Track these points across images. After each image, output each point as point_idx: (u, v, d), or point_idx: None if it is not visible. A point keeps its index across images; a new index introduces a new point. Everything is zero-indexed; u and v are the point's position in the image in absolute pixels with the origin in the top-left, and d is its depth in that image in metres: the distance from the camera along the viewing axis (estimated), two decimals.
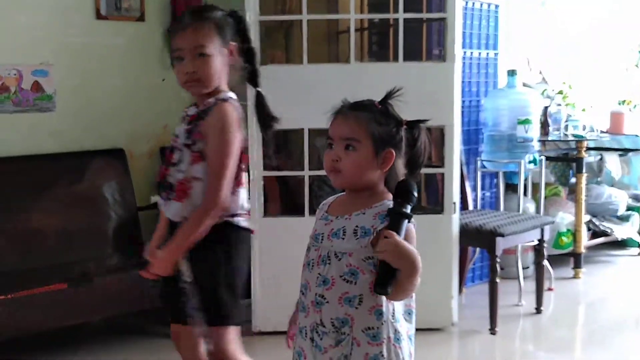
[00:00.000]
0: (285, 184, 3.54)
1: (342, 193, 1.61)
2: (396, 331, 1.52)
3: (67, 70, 3.41)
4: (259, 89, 2.00)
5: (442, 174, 3.16)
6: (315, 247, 1.55)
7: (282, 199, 3.51)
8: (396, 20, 3.13)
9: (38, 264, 3.05)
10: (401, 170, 1.55)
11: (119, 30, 3.54)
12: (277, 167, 3.39)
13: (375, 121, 1.53)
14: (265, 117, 2.01)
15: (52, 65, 3.37)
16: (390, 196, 1.52)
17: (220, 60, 1.93)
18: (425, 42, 3.80)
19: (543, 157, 3.89)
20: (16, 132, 3.20)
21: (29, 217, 3.11)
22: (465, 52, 3.62)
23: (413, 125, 1.56)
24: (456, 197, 3.17)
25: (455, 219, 3.17)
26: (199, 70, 1.93)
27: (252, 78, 2.01)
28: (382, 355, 1.49)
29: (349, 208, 1.54)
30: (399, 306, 1.53)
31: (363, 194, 1.55)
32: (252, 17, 3.02)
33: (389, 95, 1.55)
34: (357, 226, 1.50)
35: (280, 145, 3.64)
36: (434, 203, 3.47)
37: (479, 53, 3.84)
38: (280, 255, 3.03)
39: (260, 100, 2.00)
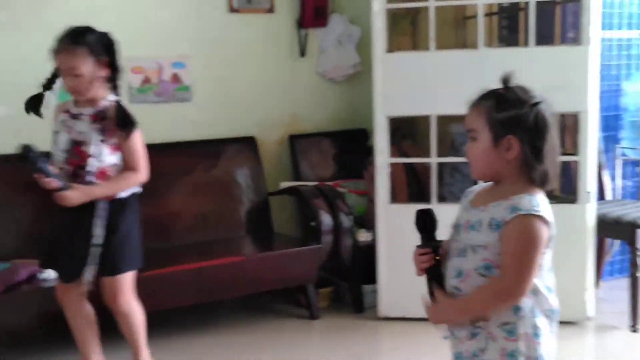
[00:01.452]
0: (413, 171, 3.53)
1: (490, 182, 1.55)
2: (535, 326, 1.47)
3: (203, 62, 3.60)
4: (118, 99, 2.48)
5: (577, 162, 3.02)
6: (455, 239, 1.53)
7: (409, 186, 3.50)
8: (527, 3, 3.01)
9: (176, 244, 3.27)
10: (531, 157, 1.46)
11: (250, 23, 3.68)
12: (405, 154, 3.38)
13: (495, 109, 1.47)
14: (125, 121, 2.43)
15: (189, 57, 3.58)
16: (535, 189, 1.47)
17: (92, 76, 2.39)
18: (559, 25, 3.62)
19: None
20: (158, 121, 3.43)
21: (168, 200, 3.33)
22: (605, 34, 3.41)
23: (533, 106, 1.46)
24: (591, 186, 3.01)
25: (590, 209, 3.01)
26: (76, 86, 2.40)
27: (115, 88, 2.49)
28: (520, 352, 1.45)
29: (488, 199, 1.51)
30: (539, 302, 1.48)
31: (502, 184, 1.50)
32: (379, 5, 3.03)
33: (506, 79, 1.49)
34: (491, 218, 1.46)
35: (407, 132, 3.63)
36: (568, 192, 3.31)
37: (620, 34, 3.60)
38: (406, 242, 3.02)
39: (120, 108, 2.45)
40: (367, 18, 3.27)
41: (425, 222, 1.54)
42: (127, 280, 2.42)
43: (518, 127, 1.45)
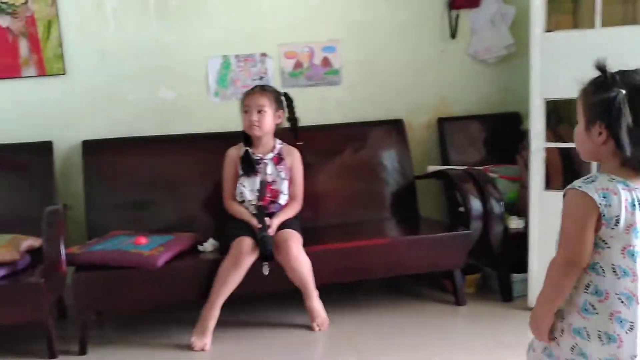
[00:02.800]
0: (569, 156, 3.34)
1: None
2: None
3: (353, 46, 3.64)
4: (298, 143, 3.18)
5: None
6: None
7: (565, 172, 3.32)
8: None
9: (322, 224, 3.35)
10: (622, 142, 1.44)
11: (401, 5, 3.66)
12: (561, 139, 3.21)
13: (591, 94, 1.48)
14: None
15: (339, 41, 3.63)
16: (623, 171, 1.47)
17: (272, 117, 3.05)
18: None
19: None
20: (309, 104, 3.52)
21: (316, 181, 3.41)
22: None
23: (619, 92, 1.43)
24: None
25: None
26: (258, 121, 3.02)
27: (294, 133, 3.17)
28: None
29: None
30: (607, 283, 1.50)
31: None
32: None
33: (600, 65, 1.47)
34: None
35: (564, 115, 3.43)
36: None
37: None
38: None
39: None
40: None
41: None
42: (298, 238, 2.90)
43: (606, 113, 1.44)
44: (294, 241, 2.85)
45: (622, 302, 1.48)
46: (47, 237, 2.71)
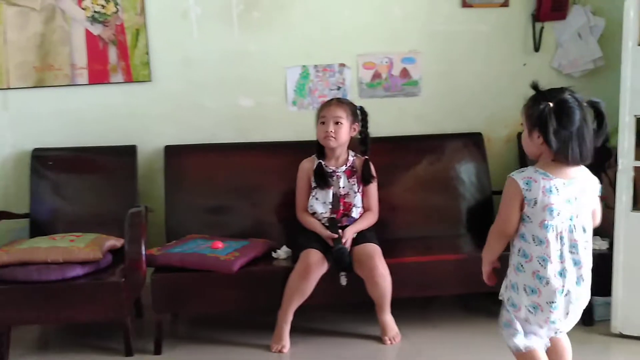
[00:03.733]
0: None
1: None
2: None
3: (433, 57, 3.60)
4: (366, 157, 3.10)
5: None
6: None
7: None
8: None
9: (396, 237, 3.31)
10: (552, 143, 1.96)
11: (483, 17, 3.60)
12: None
13: (529, 107, 2.03)
14: (370, 174, 3.11)
15: (419, 52, 3.60)
16: (552, 164, 2.00)
17: (348, 130, 3.04)
18: None
19: None
20: (386, 115, 3.51)
21: (391, 192, 3.38)
22: None
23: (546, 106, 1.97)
24: None
25: None
26: (334, 132, 3.01)
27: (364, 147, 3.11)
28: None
29: None
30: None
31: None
32: None
33: (535, 85, 2.03)
34: None
35: None
36: None
37: None
38: None
39: (367, 163, 3.10)
40: (615, 8, 3.02)
41: None
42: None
43: (539, 121, 1.96)
44: (378, 256, 2.85)
45: (540, 263, 2.01)
46: (129, 238, 2.81)
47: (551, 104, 1.93)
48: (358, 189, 3.07)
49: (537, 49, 3.61)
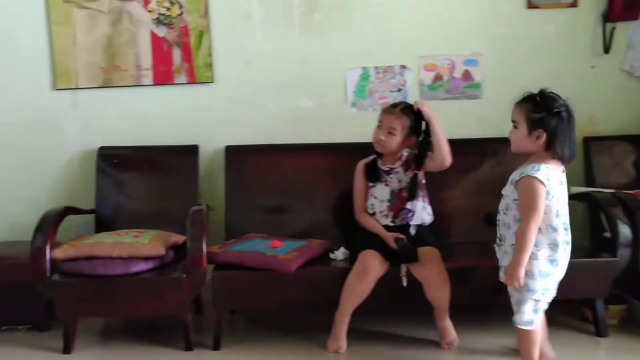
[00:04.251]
0: None
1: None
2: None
3: (496, 59, 3.54)
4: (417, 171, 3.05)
5: None
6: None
7: None
8: None
9: (455, 240, 3.26)
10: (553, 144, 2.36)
11: (550, 18, 3.52)
12: None
13: (531, 110, 2.37)
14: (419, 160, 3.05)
15: (482, 55, 3.54)
16: (550, 161, 2.38)
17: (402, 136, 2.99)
18: None
19: None
20: (446, 118, 3.43)
21: (451, 196, 3.34)
22: None
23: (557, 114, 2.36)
24: None
25: None
26: (385, 141, 3.00)
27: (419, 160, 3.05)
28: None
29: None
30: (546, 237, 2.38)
31: (531, 159, 2.42)
32: None
33: (542, 91, 2.40)
34: (511, 178, 2.47)
35: None
36: None
37: None
38: None
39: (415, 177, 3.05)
40: None
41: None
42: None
43: (545, 125, 2.31)
44: (438, 260, 2.83)
45: (552, 249, 2.36)
46: (191, 236, 2.86)
47: (563, 111, 2.31)
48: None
49: (606, 50, 3.50)
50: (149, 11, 3.51)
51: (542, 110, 2.32)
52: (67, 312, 2.93)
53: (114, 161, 3.47)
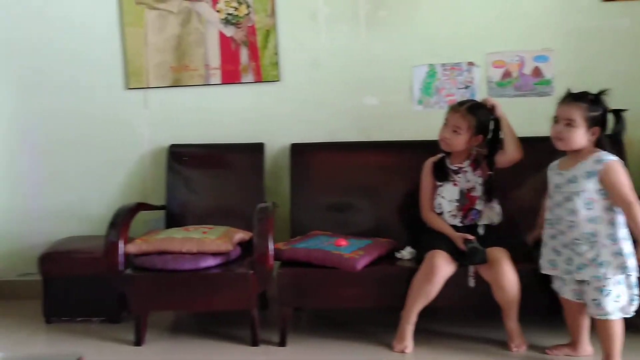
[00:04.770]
0: None
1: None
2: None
3: (568, 55, 3.44)
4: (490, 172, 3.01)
5: None
6: (559, 192, 2.67)
7: None
8: None
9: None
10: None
11: (627, 11, 3.39)
12: None
13: (589, 109, 2.57)
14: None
15: (552, 50, 3.45)
16: (599, 151, 2.60)
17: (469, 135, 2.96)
18: None
19: None
20: (515, 115, 3.36)
21: (518, 195, 3.26)
22: None
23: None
24: None
25: None
26: (451, 139, 2.97)
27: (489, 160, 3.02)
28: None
29: (571, 163, 2.66)
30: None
31: (580, 153, 2.62)
32: None
33: (600, 91, 2.61)
34: (585, 172, 2.58)
35: None
36: None
37: None
38: None
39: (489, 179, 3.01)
40: None
41: None
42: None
43: (601, 122, 2.56)
44: (506, 260, 2.78)
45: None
46: (257, 232, 2.90)
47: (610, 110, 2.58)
48: (483, 182, 2.99)
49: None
50: (217, 11, 3.58)
51: (598, 109, 2.55)
52: (139, 305, 3.02)
53: (183, 159, 3.56)
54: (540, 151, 3.32)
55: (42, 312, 3.35)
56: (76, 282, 3.28)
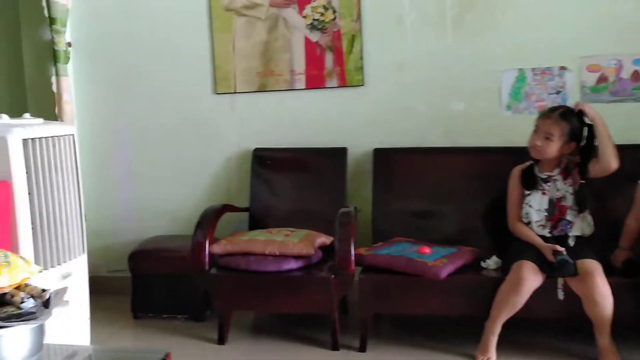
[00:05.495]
0: None
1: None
2: None
3: None
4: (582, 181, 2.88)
5: None
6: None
7: None
8: None
9: None
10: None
11: None
12: None
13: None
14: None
15: None
16: None
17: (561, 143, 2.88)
18: None
19: None
20: (612, 122, 3.20)
21: (613, 205, 3.08)
22: None
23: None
24: None
25: None
26: (543, 148, 2.88)
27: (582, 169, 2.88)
28: None
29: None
30: None
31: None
32: None
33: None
34: None
35: None
36: None
37: None
38: None
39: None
40: None
41: None
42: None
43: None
44: (599, 273, 2.65)
45: None
46: (339, 237, 2.90)
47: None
48: (573, 191, 2.86)
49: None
50: (304, 17, 3.61)
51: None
52: (223, 304, 3.08)
53: (267, 162, 3.61)
54: (633, 161, 3.17)
55: (131, 307, 3.48)
56: (163, 279, 3.39)
